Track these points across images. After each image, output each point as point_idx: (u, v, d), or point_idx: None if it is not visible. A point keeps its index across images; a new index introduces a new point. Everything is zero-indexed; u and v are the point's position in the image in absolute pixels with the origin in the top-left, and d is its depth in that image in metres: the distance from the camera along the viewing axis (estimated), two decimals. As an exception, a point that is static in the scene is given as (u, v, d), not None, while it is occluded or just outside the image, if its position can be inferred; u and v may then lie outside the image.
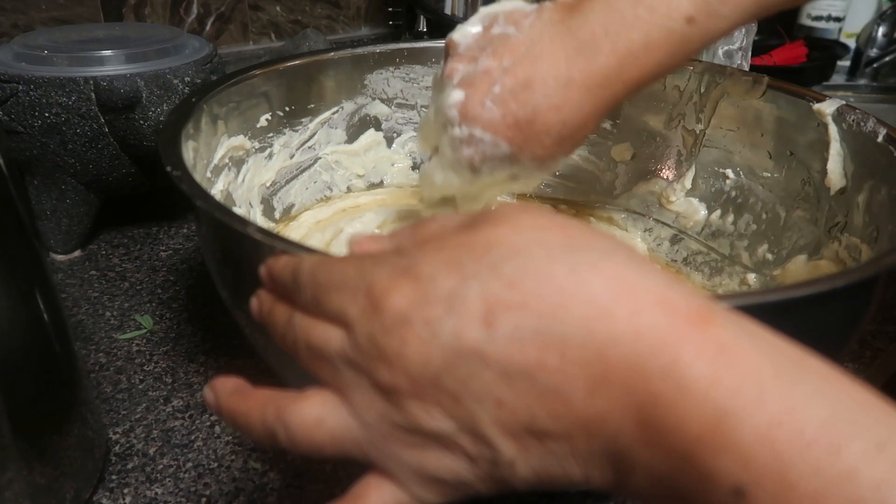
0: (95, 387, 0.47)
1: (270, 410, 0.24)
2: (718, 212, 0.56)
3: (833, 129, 0.47)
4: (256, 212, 0.55)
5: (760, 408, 0.17)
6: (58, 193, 0.58)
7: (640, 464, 0.19)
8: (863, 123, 0.46)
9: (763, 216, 0.53)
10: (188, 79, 0.57)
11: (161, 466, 0.41)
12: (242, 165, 0.54)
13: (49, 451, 0.35)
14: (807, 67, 0.95)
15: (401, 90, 0.62)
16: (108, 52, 0.56)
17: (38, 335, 0.34)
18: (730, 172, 0.56)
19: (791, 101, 0.51)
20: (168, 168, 0.38)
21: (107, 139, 0.56)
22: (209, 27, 0.94)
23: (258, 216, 0.55)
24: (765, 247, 0.52)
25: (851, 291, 0.31)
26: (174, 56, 0.59)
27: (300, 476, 0.41)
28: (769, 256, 0.52)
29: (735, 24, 0.38)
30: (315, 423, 0.23)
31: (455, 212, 0.49)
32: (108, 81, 0.53)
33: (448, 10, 0.95)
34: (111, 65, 0.56)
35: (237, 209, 0.52)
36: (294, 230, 0.59)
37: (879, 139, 0.44)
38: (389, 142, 0.64)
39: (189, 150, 0.43)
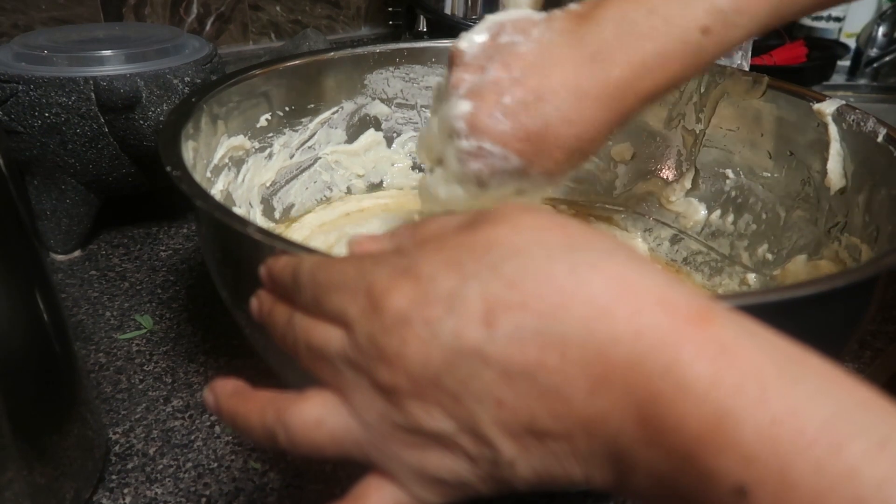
0: (95, 387, 0.47)
1: (270, 412, 0.24)
2: (718, 212, 0.56)
3: (833, 129, 0.47)
4: (256, 212, 0.55)
5: (762, 407, 0.17)
6: (58, 193, 0.58)
7: (641, 463, 0.19)
8: (863, 123, 0.46)
9: (763, 216, 0.53)
10: (188, 79, 0.57)
11: (161, 466, 0.41)
12: (242, 165, 0.54)
13: (49, 451, 0.35)
14: (807, 67, 0.95)
15: (401, 90, 0.62)
16: (108, 52, 0.56)
17: (38, 335, 0.34)
18: (730, 172, 0.56)
19: (791, 101, 0.51)
20: (168, 168, 0.38)
21: (107, 139, 0.56)
22: (209, 27, 0.94)
23: (258, 216, 0.55)
24: (765, 247, 0.52)
25: (851, 291, 0.31)
26: (174, 56, 0.59)
27: (300, 476, 0.41)
28: (769, 256, 0.52)
29: (749, 34, 0.37)
30: (315, 424, 0.23)
31: None
32: (108, 81, 0.53)
33: (448, 10, 0.95)
34: (111, 65, 0.56)
35: (237, 209, 0.52)
36: (296, 232, 0.59)
37: (879, 139, 0.44)
38: (389, 142, 0.64)
39: (189, 150, 0.43)
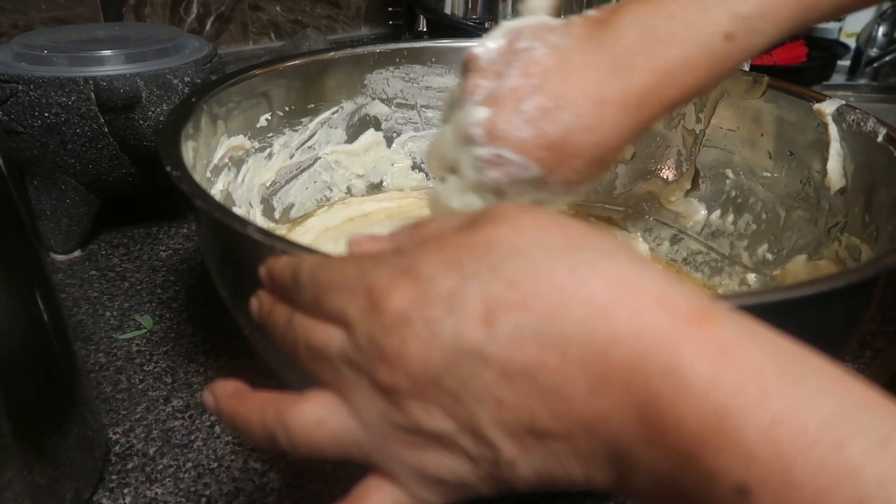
0: (95, 387, 0.47)
1: (270, 413, 0.24)
2: (718, 212, 0.56)
3: (833, 129, 0.47)
4: (256, 212, 0.55)
5: (763, 406, 0.17)
6: (58, 193, 0.58)
7: (642, 463, 0.19)
8: (863, 123, 0.46)
9: (763, 216, 0.53)
10: (188, 79, 0.57)
11: (161, 466, 0.41)
12: (242, 165, 0.54)
13: (49, 451, 0.35)
14: (807, 67, 0.95)
15: (401, 90, 0.62)
16: (108, 52, 0.56)
17: (38, 335, 0.34)
18: (730, 172, 0.56)
19: (791, 101, 0.51)
20: (168, 168, 0.38)
21: (107, 139, 0.56)
22: (209, 27, 0.94)
23: (258, 216, 0.55)
24: (765, 247, 0.52)
25: (851, 291, 0.31)
26: (174, 56, 0.59)
27: (300, 476, 0.41)
28: (769, 256, 0.52)
29: (772, 41, 0.36)
30: (315, 425, 0.23)
31: None
32: (108, 81, 0.53)
33: (448, 10, 0.95)
34: (111, 65, 0.56)
35: (237, 209, 0.52)
36: (300, 236, 0.58)
37: (879, 139, 0.44)
38: (389, 142, 0.64)
39: (189, 150, 0.43)
